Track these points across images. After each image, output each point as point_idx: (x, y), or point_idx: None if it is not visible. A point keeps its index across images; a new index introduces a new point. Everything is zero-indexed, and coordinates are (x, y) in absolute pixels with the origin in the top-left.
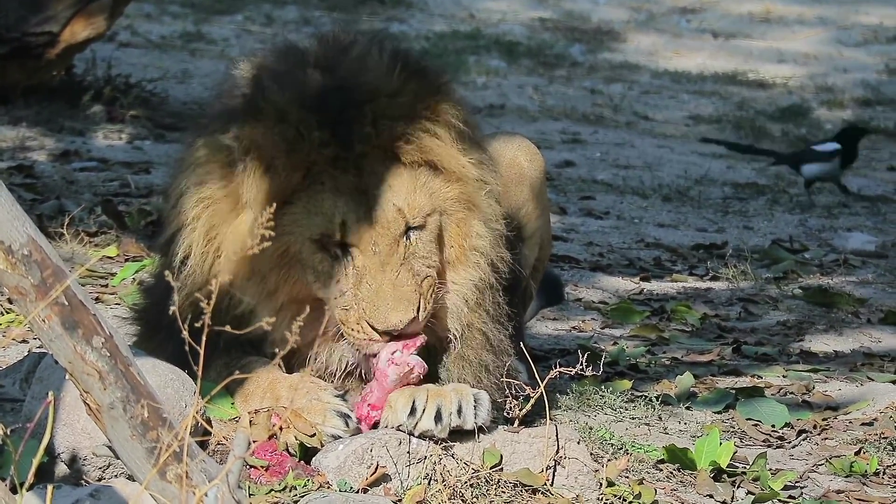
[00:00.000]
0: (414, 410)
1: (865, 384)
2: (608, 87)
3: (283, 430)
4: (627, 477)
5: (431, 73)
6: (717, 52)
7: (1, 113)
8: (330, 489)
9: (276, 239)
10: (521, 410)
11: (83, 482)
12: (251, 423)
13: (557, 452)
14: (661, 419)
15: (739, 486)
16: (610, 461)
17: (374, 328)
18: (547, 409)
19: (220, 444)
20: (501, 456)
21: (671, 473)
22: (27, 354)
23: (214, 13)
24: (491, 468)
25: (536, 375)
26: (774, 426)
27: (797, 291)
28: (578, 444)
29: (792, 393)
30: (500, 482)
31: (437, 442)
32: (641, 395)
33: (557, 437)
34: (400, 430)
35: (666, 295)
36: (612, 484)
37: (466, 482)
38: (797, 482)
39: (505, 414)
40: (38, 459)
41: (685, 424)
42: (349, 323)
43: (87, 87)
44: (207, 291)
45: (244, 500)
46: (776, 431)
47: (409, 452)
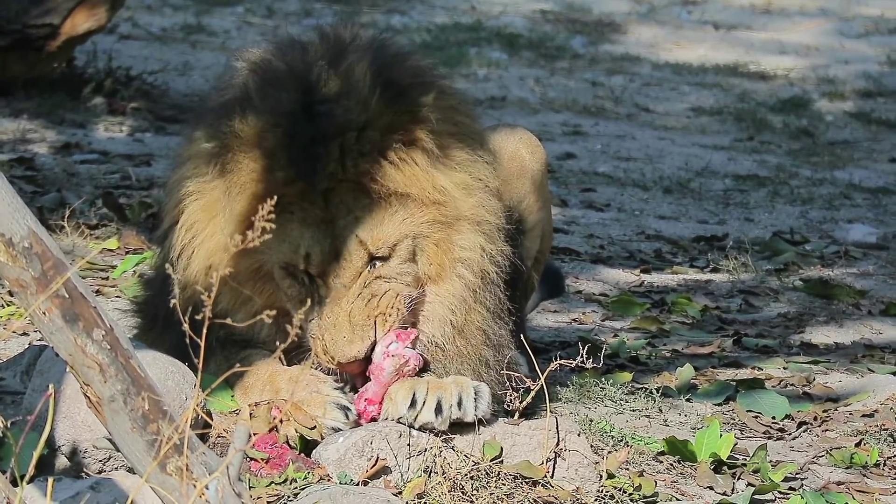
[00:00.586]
0: (414, 402)
1: (866, 376)
2: (609, 79)
3: (283, 422)
4: (628, 469)
5: (413, 93)
6: (718, 43)
7: (2, 105)
8: (330, 482)
9: (249, 255)
10: (521, 403)
11: (84, 475)
12: (251, 415)
13: (558, 445)
14: (661, 411)
15: (740, 477)
16: (610, 453)
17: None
18: (547, 401)
19: (220, 436)
20: (502, 448)
21: (671, 465)
22: (28, 347)
23: (215, 5)
24: (491, 460)
25: (537, 368)
26: (775, 418)
27: (798, 283)
28: (579, 436)
29: (792, 385)
30: (500, 474)
31: (437, 434)
32: (642, 387)
33: (558, 429)
34: (400, 422)
35: (666, 287)
36: (612, 476)
37: (466, 474)
38: (797, 474)
39: (505, 406)
40: (38, 452)
41: (685, 416)
42: (317, 350)
43: (88, 79)
44: (207, 284)
45: (245, 492)
46: (776, 423)
47: (409, 445)
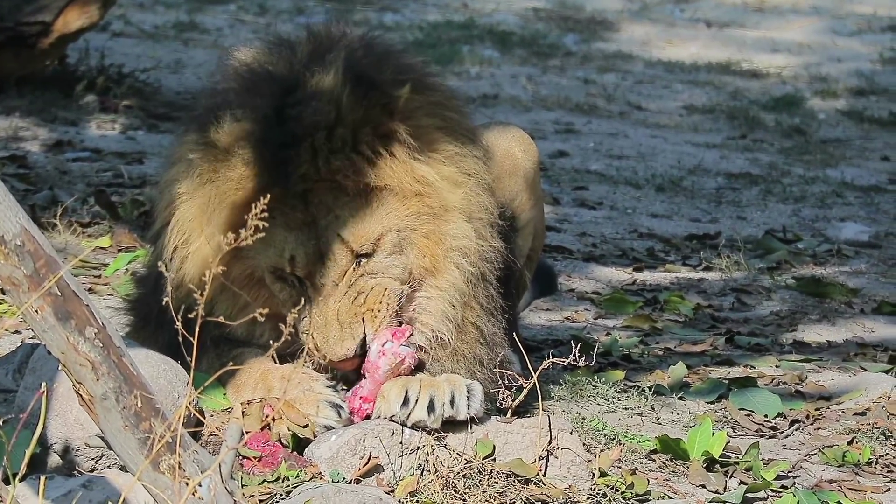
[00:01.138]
0: (407, 401)
1: (858, 374)
2: (602, 76)
3: (275, 420)
4: (620, 467)
5: (386, 87)
6: (710, 41)
7: None
8: (323, 480)
9: (241, 261)
10: (514, 401)
11: (76, 473)
12: (244, 413)
13: (550, 443)
14: (653, 409)
15: (732, 476)
16: (603, 451)
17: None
18: (540, 399)
19: (212, 434)
20: (494, 446)
21: (664, 464)
22: (20, 345)
23: (207, 3)
24: (484, 459)
25: (529, 366)
26: (767, 416)
27: (790, 282)
28: (571, 434)
29: (785, 383)
30: (492, 473)
31: (429, 432)
32: (634, 385)
33: (550, 427)
34: (393, 420)
35: (659, 285)
36: (604, 474)
37: (459, 473)
38: (790, 472)
39: (498, 404)
40: (30, 450)
41: (678, 415)
42: (310, 349)
43: (80, 76)
44: (201, 286)
45: (237, 490)
46: (769, 421)
47: (401, 443)
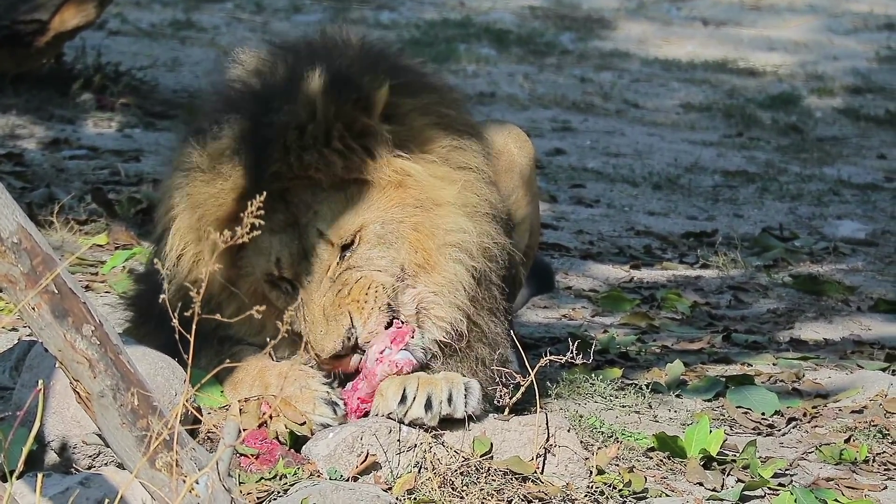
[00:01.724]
0: (404, 398)
1: (855, 372)
2: (598, 75)
3: (272, 418)
4: (617, 465)
5: (364, 84)
6: (707, 40)
7: None
8: (320, 477)
9: (242, 279)
10: (511, 399)
11: (73, 470)
12: (241, 411)
13: (548, 440)
14: (651, 407)
15: (729, 473)
16: (600, 449)
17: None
18: (537, 397)
19: (210, 432)
20: (492, 444)
21: (661, 461)
22: (17, 342)
23: (204, 1)
24: (481, 456)
25: (527, 364)
26: (764, 414)
27: (787, 279)
28: (568, 432)
29: (782, 381)
30: (490, 470)
31: (427, 430)
32: (632, 383)
33: (548, 425)
34: (390, 417)
35: (656, 283)
36: (602, 472)
37: (456, 470)
38: (787, 470)
39: (495, 402)
40: (27, 448)
41: (675, 412)
42: (308, 351)
43: (76, 75)
44: (197, 284)
45: (234, 488)
46: (766, 419)
47: (399, 441)
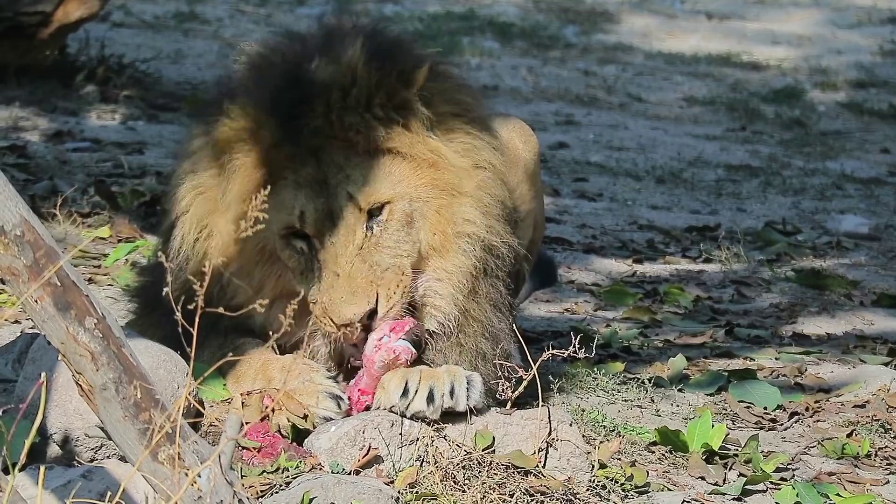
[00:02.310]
0: (406, 391)
1: (858, 366)
2: (602, 68)
3: (275, 411)
4: (619, 459)
5: (403, 60)
6: (711, 33)
7: None
8: (322, 471)
9: (253, 236)
10: (513, 393)
11: (75, 463)
12: (243, 404)
13: (550, 434)
14: (653, 401)
15: (731, 468)
16: (602, 443)
17: (333, 322)
18: (539, 391)
19: (212, 425)
20: (494, 438)
21: (663, 455)
22: (20, 335)
23: None
24: (483, 450)
25: (529, 357)
26: (767, 408)
27: (790, 274)
28: (571, 426)
29: (784, 375)
30: (492, 464)
31: (429, 423)
32: (634, 377)
33: (550, 419)
34: (392, 410)
35: (659, 277)
36: (604, 466)
37: (458, 464)
38: (789, 464)
39: (498, 396)
40: (30, 440)
41: (677, 407)
42: (317, 313)
43: (80, 67)
44: (202, 277)
45: (236, 481)
46: (768, 414)
47: (401, 434)
